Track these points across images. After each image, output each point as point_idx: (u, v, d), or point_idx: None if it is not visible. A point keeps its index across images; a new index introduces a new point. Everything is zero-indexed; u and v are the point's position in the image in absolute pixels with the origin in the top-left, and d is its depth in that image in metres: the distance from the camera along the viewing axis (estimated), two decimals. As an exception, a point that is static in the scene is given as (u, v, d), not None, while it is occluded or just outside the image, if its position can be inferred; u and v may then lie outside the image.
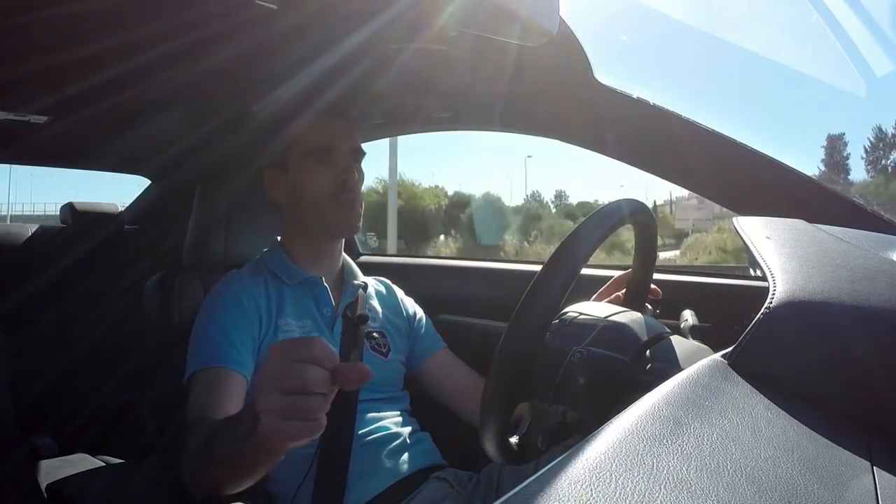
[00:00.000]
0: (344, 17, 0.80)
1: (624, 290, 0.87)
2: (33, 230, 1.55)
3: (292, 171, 1.03)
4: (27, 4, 0.71)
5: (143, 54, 0.86)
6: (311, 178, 1.01)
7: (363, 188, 1.07)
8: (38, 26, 0.77)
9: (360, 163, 1.06)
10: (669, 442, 0.34)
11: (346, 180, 1.00)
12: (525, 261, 1.41)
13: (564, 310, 0.70)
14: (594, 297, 0.89)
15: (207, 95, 1.16)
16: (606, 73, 0.95)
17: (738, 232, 0.62)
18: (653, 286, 0.84)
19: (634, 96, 0.97)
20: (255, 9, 0.70)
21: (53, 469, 0.99)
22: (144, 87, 1.02)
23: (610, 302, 0.85)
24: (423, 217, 18.72)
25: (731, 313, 0.67)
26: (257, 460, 0.66)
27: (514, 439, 0.67)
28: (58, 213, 1.60)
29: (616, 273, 0.92)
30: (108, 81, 0.94)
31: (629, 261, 0.83)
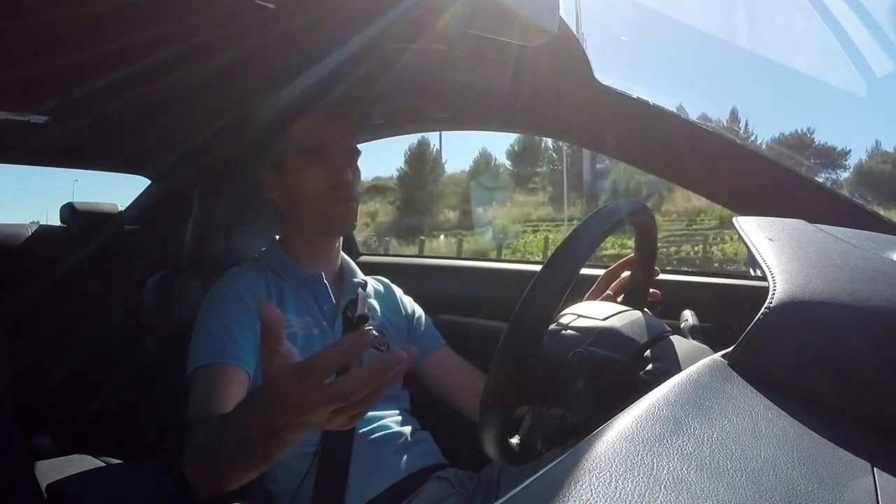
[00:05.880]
0: (344, 18, 0.80)
1: (614, 286, 0.88)
2: (33, 230, 1.55)
3: (288, 171, 1.04)
4: (29, 6, 0.71)
5: (143, 55, 0.86)
6: (306, 178, 1.02)
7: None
8: (39, 27, 0.77)
9: (355, 161, 1.07)
10: (669, 442, 0.34)
11: (340, 179, 1.01)
12: (526, 261, 1.41)
13: (564, 312, 0.70)
14: (586, 296, 0.89)
15: (208, 96, 1.16)
16: (606, 74, 0.95)
17: (738, 232, 0.62)
18: (653, 289, 0.84)
19: (634, 96, 0.97)
20: (255, 10, 0.71)
21: (53, 469, 0.99)
22: (145, 88, 1.03)
23: (602, 299, 0.85)
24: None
25: (731, 313, 0.67)
26: (270, 449, 0.63)
27: (514, 440, 0.66)
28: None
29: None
30: (109, 82, 0.94)
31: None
